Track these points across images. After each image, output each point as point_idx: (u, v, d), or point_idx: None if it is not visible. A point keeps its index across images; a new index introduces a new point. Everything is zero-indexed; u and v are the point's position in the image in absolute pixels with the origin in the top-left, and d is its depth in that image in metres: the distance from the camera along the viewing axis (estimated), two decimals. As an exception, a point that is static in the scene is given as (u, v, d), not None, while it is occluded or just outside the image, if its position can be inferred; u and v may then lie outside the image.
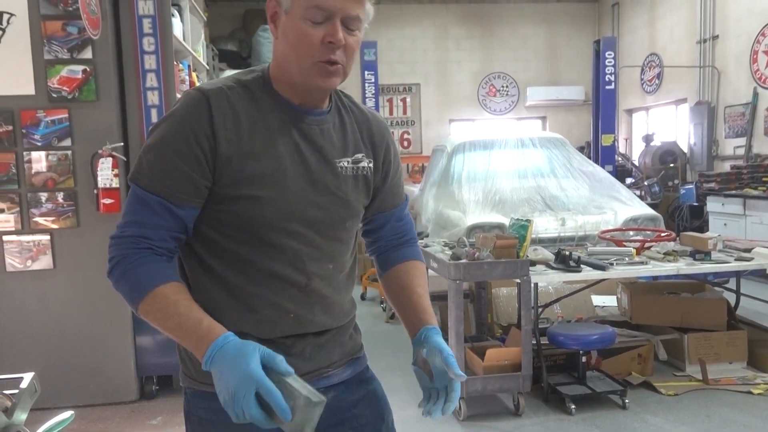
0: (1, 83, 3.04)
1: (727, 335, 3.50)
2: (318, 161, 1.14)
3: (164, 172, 1.06)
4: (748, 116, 6.90)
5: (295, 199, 1.11)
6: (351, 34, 1.08)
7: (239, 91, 1.11)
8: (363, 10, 1.08)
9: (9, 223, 3.10)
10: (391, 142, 1.29)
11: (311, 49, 1.06)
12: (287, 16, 1.07)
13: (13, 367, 3.09)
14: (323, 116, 1.17)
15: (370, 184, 1.23)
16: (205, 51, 4.74)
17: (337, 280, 1.20)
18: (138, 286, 1.05)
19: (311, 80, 1.09)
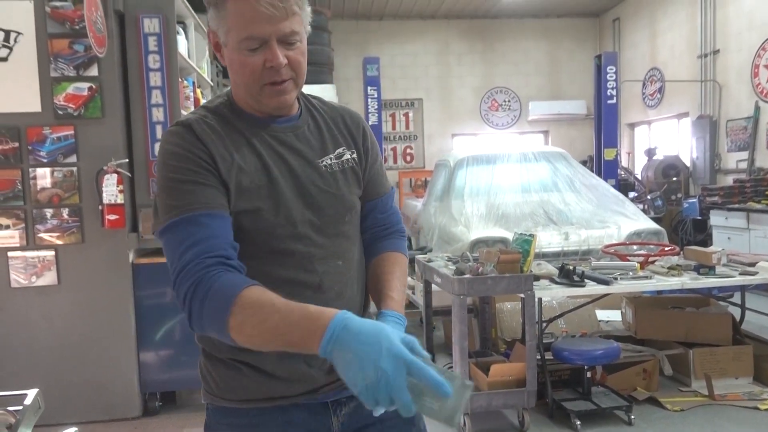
0: (8, 100, 3.08)
1: (733, 350, 3.47)
2: (302, 165, 1.16)
3: (189, 192, 1.04)
4: (750, 130, 6.91)
5: (291, 205, 1.13)
6: (291, 48, 1.08)
7: (212, 117, 1.14)
8: (297, 22, 1.08)
9: (14, 239, 3.12)
10: (368, 130, 1.29)
11: (255, 75, 1.07)
12: (227, 48, 1.09)
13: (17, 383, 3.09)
14: (295, 122, 1.19)
15: (358, 173, 1.24)
16: (209, 67, 4.78)
17: (349, 275, 1.21)
18: (222, 305, 0.95)
19: (265, 102, 1.12)
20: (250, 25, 1.04)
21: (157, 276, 3.26)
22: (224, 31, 1.08)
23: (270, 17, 1.03)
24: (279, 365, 1.11)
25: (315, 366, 1.13)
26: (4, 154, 3.09)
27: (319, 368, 1.13)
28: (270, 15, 1.03)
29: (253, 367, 1.13)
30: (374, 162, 1.29)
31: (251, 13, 1.03)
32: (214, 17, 1.09)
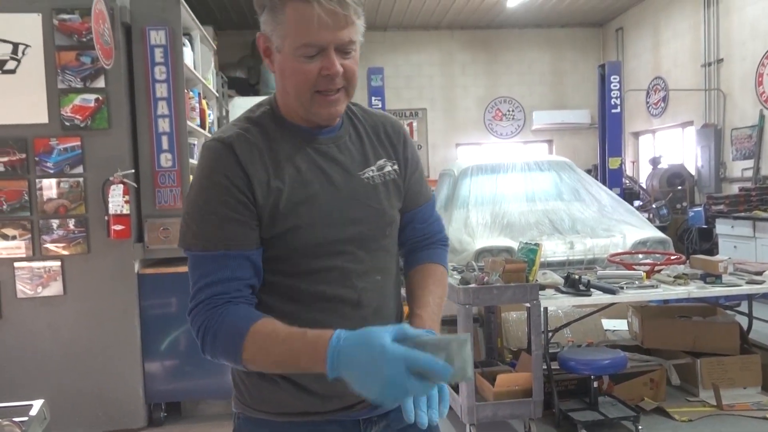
0: (16, 112, 3.10)
1: (741, 359, 3.45)
2: (344, 178, 1.13)
3: (216, 227, 1.05)
4: (755, 138, 6.90)
5: (332, 221, 1.10)
6: (347, 58, 1.06)
7: (254, 130, 1.11)
8: (354, 32, 1.06)
9: (20, 250, 3.13)
10: (408, 139, 1.26)
11: (309, 83, 1.05)
12: (280, 54, 1.07)
13: (22, 393, 3.09)
14: (336, 132, 1.16)
15: (399, 185, 1.21)
16: (214, 78, 4.81)
17: (387, 290, 1.19)
18: (232, 341, 1.00)
19: (314, 111, 1.09)
20: (310, 32, 1.01)
21: (163, 286, 3.27)
22: (280, 36, 1.05)
23: (330, 25, 1.01)
24: (316, 381, 1.09)
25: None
26: (11, 166, 3.11)
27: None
28: (331, 23, 1.01)
29: (290, 381, 1.11)
30: (414, 171, 1.26)
31: (312, 20, 1.00)
32: (269, 21, 1.06)
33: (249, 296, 1.07)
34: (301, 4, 1.00)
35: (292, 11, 1.02)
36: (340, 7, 1.01)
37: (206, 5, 8.10)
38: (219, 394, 3.40)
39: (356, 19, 1.05)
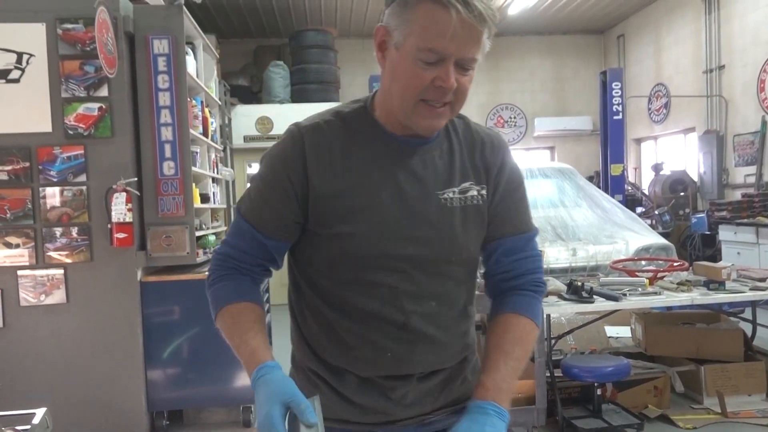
0: (20, 121, 3.12)
1: (745, 366, 3.43)
2: (418, 194, 1.06)
3: (258, 205, 1.10)
4: (757, 145, 6.89)
5: (391, 235, 1.05)
6: (464, 75, 0.99)
7: (337, 124, 1.08)
8: (479, 50, 0.99)
9: (24, 258, 3.14)
10: (508, 162, 1.15)
11: (418, 89, 0.98)
12: (397, 51, 0.99)
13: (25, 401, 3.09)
14: (427, 145, 1.08)
15: (483, 213, 1.10)
16: (217, 87, 4.83)
17: (445, 319, 1.10)
18: (215, 302, 1.12)
19: (413, 120, 1.02)
20: (437, 38, 0.94)
21: (165, 294, 3.27)
22: (403, 34, 0.97)
23: (461, 37, 0.94)
24: (358, 392, 1.09)
25: (395, 399, 1.09)
26: (15, 174, 3.12)
27: (398, 403, 1.09)
28: (463, 35, 0.94)
29: (331, 387, 1.11)
30: (506, 196, 1.13)
31: (444, 27, 0.94)
32: (397, 15, 0.98)
33: (258, 272, 1.14)
34: (438, 8, 0.93)
35: (426, 12, 0.95)
36: (478, 22, 0.94)
37: (209, 14, 8.14)
38: (221, 403, 3.39)
39: (486, 37, 0.99)
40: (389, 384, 1.08)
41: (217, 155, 4.60)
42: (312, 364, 1.13)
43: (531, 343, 1.12)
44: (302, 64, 7.97)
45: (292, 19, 8.70)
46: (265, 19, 8.67)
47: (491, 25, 0.97)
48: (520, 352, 1.08)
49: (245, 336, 1.05)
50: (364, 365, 1.08)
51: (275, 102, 7.78)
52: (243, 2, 7.95)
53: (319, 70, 7.94)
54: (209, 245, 3.86)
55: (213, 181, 4.34)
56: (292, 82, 7.98)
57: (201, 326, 3.28)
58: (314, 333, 1.12)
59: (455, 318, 1.12)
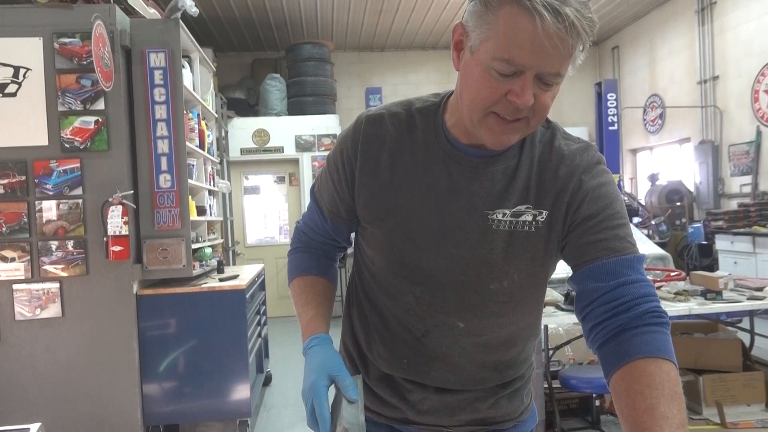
0: (16, 135, 3.12)
1: (744, 376, 3.42)
2: (463, 209, 0.97)
3: (322, 185, 1.16)
4: (752, 154, 6.93)
5: (425, 245, 0.99)
6: (546, 90, 0.87)
7: (401, 118, 1.02)
8: (566, 64, 0.85)
9: (19, 272, 3.12)
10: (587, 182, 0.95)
11: (489, 101, 0.87)
12: (471, 55, 0.88)
13: (20, 416, 3.07)
14: (491, 159, 0.97)
15: (535, 242, 0.97)
16: (213, 100, 4.84)
17: (474, 346, 1.04)
18: (289, 273, 1.21)
19: (481, 132, 0.91)
20: (516, 48, 0.82)
21: (161, 307, 3.26)
22: (480, 36, 0.85)
23: (546, 50, 0.81)
24: (379, 385, 1.13)
25: (411, 402, 1.09)
26: (11, 188, 3.12)
27: (414, 406, 1.09)
28: (548, 47, 0.81)
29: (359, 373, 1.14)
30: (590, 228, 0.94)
31: (527, 36, 0.80)
32: (476, 15, 0.86)
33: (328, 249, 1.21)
34: (522, 13, 0.80)
35: (507, 16, 0.82)
36: (568, 33, 0.80)
37: (206, 28, 8.18)
38: (218, 417, 3.37)
39: (577, 52, 0.84)
40: (409, 386, 1.10)
41: (214, 168, 4.60)
42: (351, 345, 1.19)
43: (680, 393, 0.82)
44: (299, 76, 8.01)
45: (289, 33, 8.76)
46: (262, 32, 8.72)
47: (585, 37, 0.82)
48: (680, 413, 0.78)
49: (307, 307, 1.11)
50: (384, 363, 1.11)
51: (272, 114, 7.80)
52: (240, 16, 8.00)
53: (316, 83, 7.98)
54: (205, 258, 3.85)
55: (209, 194, 4.34)
56: (288, 95, 8.01)
57: (197, 340, 3.27)
58: (354, 317, 1.17)
59: (490, 350, 1.04)
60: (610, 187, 0.97)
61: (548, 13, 0.78)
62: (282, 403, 4.27)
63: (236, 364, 3.32)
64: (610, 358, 0.87)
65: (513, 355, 1.08)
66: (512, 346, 1.07)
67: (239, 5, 7.64)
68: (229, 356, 3.31)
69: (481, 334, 1.03)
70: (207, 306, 3.29)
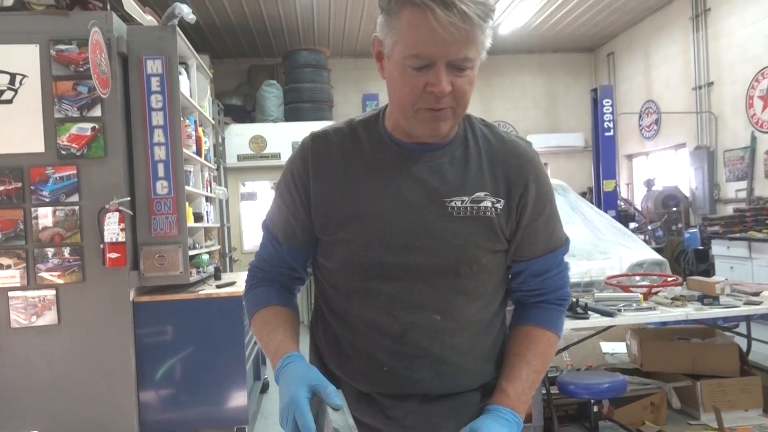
0: (12, 141, 3.11)
1: (741, 381, 3.42)
2: (423, 201, 1.03)
3: (274, 212, 1.15)
4: (747, 160, 6.96)
5: (390, 243, 1.02)
6: (460, 75, 0.95)
7: (345, 132, 1.10)
8: (474, 48, 0.94)
9: (15, 279, 3.11)
10: (534, 179, 1.07)
11: (412, 97, 0.96)
12: (389, 61, 0.98)
13: (16, 424, 3.05)
14: (437, 151, 1.05)
15: (495, 226, 1.04)
16: (210, 106, 4.85)
17: (452, 337, 1.05)
18: (247, 312, 1.18)
19: (415, 128, 1.00)
20: (420, 43, 0.91)
21: (158, 314, 3.24)
22: (391, 42, 0.96)
23: (445, 39, 0.90)
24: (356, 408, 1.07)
25: (394, 419, 1.07)
26: (7, 195, 3.11)
27: (397, 423, 1.07)
28: (446, 37, 0.90)
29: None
30: (534, 219, 1.07)
31: (425, 30, 0.90)
32: (384, 25, 0.97)
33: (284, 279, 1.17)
34: (417, 12, 0.90)
35: (407, 17, 0.92)
36: (461, 20, 0.89)
37: (203, 34, 8.20)
38: (215, 424, 3.35)
39: (480, 34, 0.93)
40: (388, 402, 1.06)
41: (211, 174, 4.60)
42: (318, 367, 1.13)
43: (551, 357, 1.11)
44: (295, 83, 8.03)
45: (286, 39, 8.78)
46: (259, 39, 8.74)
47: (481, 22, 0.92)
48: (541, 366, 1.08)
49: (273, 334, 1.08)
50: (362, 379, 1.07)
51: (269, 121, 7.81)
52: (236, 22, 8.02)
53: (313, 89, 8.00)
54: (202, 264, 3.84)
55: (206, 200, 4.33)
56: (285, 101, 8.02)
57: (194, 347, 3.26)
58: (322, 343, 1.14)
59: (467, 337, 1.07)
60: (549, 186, 1.11)
61: (438, 7, 0.88)
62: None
63: (233, 371, 3.30)
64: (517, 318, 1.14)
65: (489, 345, 1.11)
66: (487, 332, 1.11)
67: (236, 12, 7.65)
68: (226, 363, 3.29)
69: (458, 322, 1.06)
70: (204, 313, 3.28)
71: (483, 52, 0.97)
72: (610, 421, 3.20)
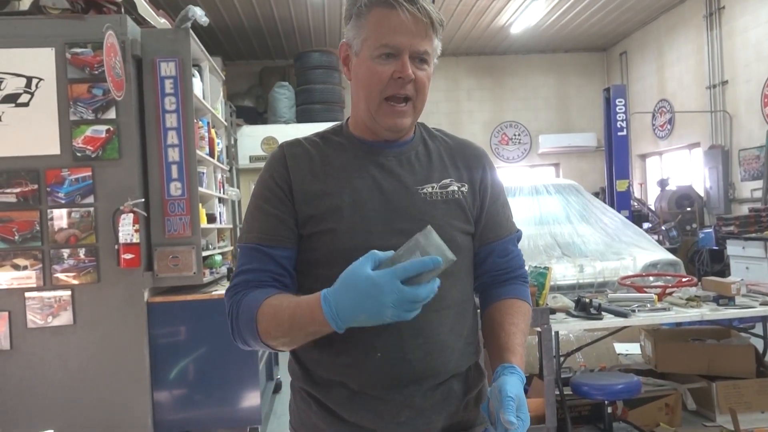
0: (28, 144, 3.15)
1: (758, 383, 3.39)
2: (397, 189, 1.14)
3: (255, 220, 1.15)
4: (763, 159, 6.88)
5: (373, 228, 1.10)
6: (420, 69, 1.10)
7: (315, 141, 1.20)
8: (431, 45, 1.10)
9: (31, 280, 3.15)
10: (489, 167, 1.24)
11: (381, 84, 1.09)
12: (358, 58, 1.12)
13: (32, 424, 3.09)
14: (402, 147, 1.18)
15: (465, 207, 1.17)
16: (223, 108, 4.88)
17: (439, 315, 1.11)
18: (247, 318, 1.06)
19: (379, 121, 1.12)
20: (389, 34, 1.07)
21: (172, 314, 3.27)
22: (360, 40, 1.10)
23: (410, 30, 1.06)
24: (348, 408, 1.09)
25: (387, 417, 1.08)
26: (23, 196, 3.15)
27: (390, 420, 1.08)
28: (411, 28, 1.06)
29: (321, 404, 1.11)
30: (493, 202, 1.22)
31: (393, 23, 1.06)
32: (353, 27, 1.12)
33: (273, 285, 1.11)
34: (386, 9, 1.07)
35: (376, 15, 1.08)
36: (423, 15, 1.06)
37: (215, 37, 8.25)
38: (229, 424, 3.37)
39: (433, 34, 1.10)
40: (381, 398, 1.07)
41: (223, 175, 4.62)
42: (304, 383, 1.14)
43: (530, 323, 1.25)
44: (307, 84, 8.06)
45: (297, 41, 8.81)
46: (270, 41, 8.78)
47: (435, 23, 1.09)
48: (527, 330, 1.20)
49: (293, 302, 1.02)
50: (355, 372, 1.08)
51: (280, 122, 7.84)
52: (248, 25, 8.06)
53: (324, 90, 8.02)
54: (216, 265, 3.87)
55: (219, 201, 4.36)
56: (297, 103, 8.06)
57: (208, 347, 3.28)
58: (307, 348, 1.12)
59: (451, 317, 1.14)
60: (500, 179, 1.28)
61: (406, 2, 1.06)
62: (292, 410, 4.26)
63: (246, 371, 3.32)
64: (490, 297, 1.24)
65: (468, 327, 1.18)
66: (465, 313, 1.18)
67: (248, 14, 7.70)
68: (239, 363, 3.31)
69: (442, 301, 1.10)
70: (218, 313, 3.29)
71: (435, 56, 1.13)
72: (624, 423, 3.18)
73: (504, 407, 0.96)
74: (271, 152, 1.20)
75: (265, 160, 1.22)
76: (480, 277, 1.24)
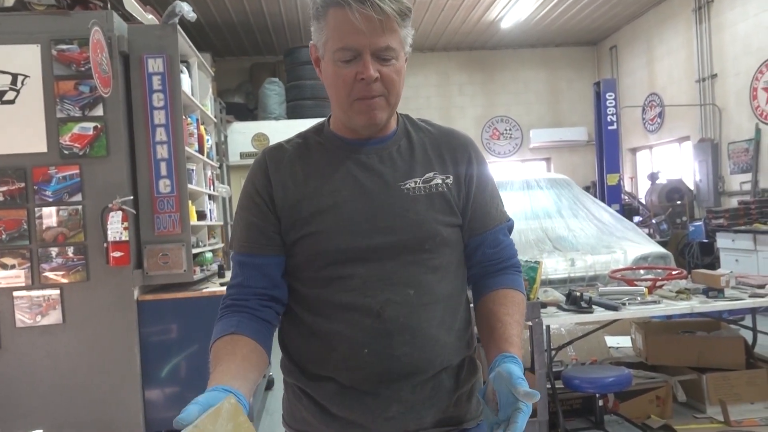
0: (15, 142, 3.12)
1: (747, 374, 3.41)
2: (379, 187, 1.12)
3: (241, 230, 1.16)
4: (752, 152, 6.93)
5: (358, 228, 1.09)
6: (386, 65, 1.06)
7: (296, 142, 1.19)
8: (395, 38, 1.06)
9: (19, 279, 3.12)
10: (475, 157, 1.20)
11: (347, 88, 1.07)
12: (323, 61, 1.11)
13: (22, 423, 3.07)
14: (383, 143, 1.16)
15: (449, 200, 1.15)
16: (212, 104, 4.84)
17: (427, 310, 1.10)
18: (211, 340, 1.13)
19: (354, 118, 1.10)
20: (346, 36, 1.04)
21: (162, 312, 3.25)
22: (323, 42, 1.09)
23: (365, 30, 1.02)
24: (337, 403, 1.09)
25: (376, 412, 1.08)
26: (10, 195, 3.12)
27: (379, 415, 1.08)
28: (365, 28, 1.02)
29: (311, 399, 1.12)
30: (480, 192, 1.19)
31: (348, 25, 1.03)
32: (315, 29, 1.11)
33: (254, 305, 1.12)
34: (339, 10, 1.03)
35: (332, 16, 1.05)
36: (375, 12, 1.02)
37: (204, 33, 8.19)
38: (220, 421, 3.35)
39: (397, 27, 1.05)
40: (371, 392, 1.07)
41: (213, 172, 4.60)
42: (294, 378, 1.15)
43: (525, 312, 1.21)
44: (297, 80, 8.02)
45: (287, 36, 8.77)
46: (260, 36, 8.73)
47: (396, 15, 1.04)
48: (522, 320, 1.17)
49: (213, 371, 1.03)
50: (344, 367, 1.08)
51: (271, 118, 7.80)
52: (237, 20, 8.01)
53: (315, 86, 7.98)
54: (206, 262, 3.85)
55: (209, 198, 4.33)
56: (287, 99, 8.02)
57: (199, 344, 3.26)
58: (296, 344, 1.14)
59: (440, 310, 1.12)
60: (488, 167, 1.25)
61: (354, 2, 1.01)
62: (284, 407, 4.25)
63: (238, 368, 3.30)
64: (484, 288, 1.20)
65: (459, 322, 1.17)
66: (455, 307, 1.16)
67: (237, 10, 7.65)
68: (230, 361, 3.30)
69: (430, 296, 1.11)
70: (208, 311, 3.28)
71: (406, 46, 1.10)
72: (615, 415, 3.20)
73: (518, 385, 0.94)
74: (255, 159, 1.20)
75: (255, 156, 1.21)
76: (471, 268, 1.22)
